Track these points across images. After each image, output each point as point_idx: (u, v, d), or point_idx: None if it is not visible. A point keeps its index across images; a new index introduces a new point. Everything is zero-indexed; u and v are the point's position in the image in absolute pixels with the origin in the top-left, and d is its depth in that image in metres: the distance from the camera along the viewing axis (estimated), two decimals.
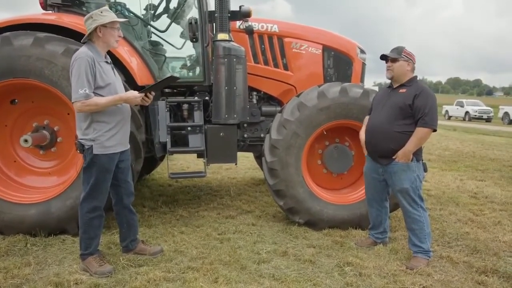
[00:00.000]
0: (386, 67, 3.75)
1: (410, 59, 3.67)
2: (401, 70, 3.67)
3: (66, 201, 4.02)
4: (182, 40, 4.93)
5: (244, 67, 4.64)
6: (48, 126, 4.33)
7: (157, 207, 5.22)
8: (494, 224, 4.78)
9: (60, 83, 3.94)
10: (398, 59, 3.66)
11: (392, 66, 3.69)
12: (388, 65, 3.73)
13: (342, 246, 4.00)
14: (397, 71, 3.67)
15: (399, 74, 3.68)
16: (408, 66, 3.67)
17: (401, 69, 3.67)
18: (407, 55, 3.67)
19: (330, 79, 5.31)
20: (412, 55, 3.70)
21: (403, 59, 3.65)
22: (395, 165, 3.61)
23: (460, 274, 3.43)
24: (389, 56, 3.70)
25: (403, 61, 3.66)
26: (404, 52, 3.68)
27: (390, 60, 3.71)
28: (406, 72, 3.68)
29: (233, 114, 4.61)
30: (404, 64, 3.66)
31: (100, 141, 3.14)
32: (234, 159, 4.79)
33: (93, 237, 3.34)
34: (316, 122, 4.37)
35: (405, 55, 3.66)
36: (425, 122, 3.48)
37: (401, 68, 3.66)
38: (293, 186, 4.39)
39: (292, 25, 5.36)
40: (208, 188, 6.41)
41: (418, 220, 3.62)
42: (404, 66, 3.66)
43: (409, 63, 3.67)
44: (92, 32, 3.14)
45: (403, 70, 3.67)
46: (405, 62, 3.66)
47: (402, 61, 3.66)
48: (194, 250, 3.80)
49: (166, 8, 5.03)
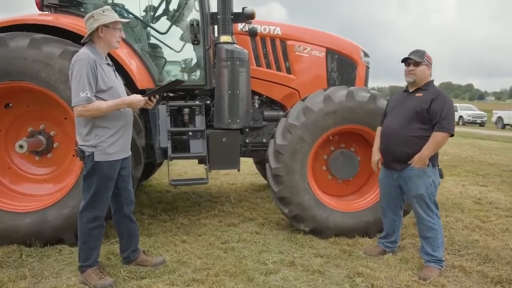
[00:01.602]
0: (406, 71, 3.60)
1: (430, 64, 3.57)
2: (423, 75, 3.55)
3: (63, 209, 3.85)
4: (183, 43, 4.78)
5: (248, 70, 4.50)
6: (44, 131, 4.17)
7: (157, 214, 5.06)
8: (502, 231, 4.67)
9: (58, 86, 3.77)
10: (421, 63, 3.54)
11: (415, 70, 3.55)
12: (410, 69, 3.58)
13: (351, 255, 3.86)
14: (419, 75, 3.55)
15: (421, 78, 3.56)
16: (428, 71, 3.57)
17: (423, 74, 3.55)
18: (428, 59, 3.57)
19: (334, 82, 5.21)
20: (431, 59, 3.60)
21: (425, 63, 3.54)
22: (411, 171, 3.49)
23: (475, 284, 3.31)
24: (413, 59, 3.57)
25: (425, 65, 3.54)
26: (426, 56, 3.56)
27: (412, 63, 3.58)
28: (427, 76, 3.58)
29: (236, 119, 4.47)
30: (425, 69, 3.55)
31: (101, 148, 2.98)
32: (237, 165, 4.64)
33: (93, 248, 3.17)
34: (322, 127, 4.23)
35: (427, 59, 3.55)
36: (442, 126, 3.37)
37: (423, 73, 3.55)
38: (298, 193, 4.25)
39: (295, 27, 5.25)
40: (207, 195, 6.25)
41: (432, 228, 3.49)
42: (425, 71, 3.55)
43: (429, 68, 3.57)
44: (93, 32, 2.99)
45: (425, 74, 3.56)
46: (426, 67, 3.55)
47: (424, 65, 3.54)
48: (197, 260, 3.64)
49: (166, 9, 4.89)
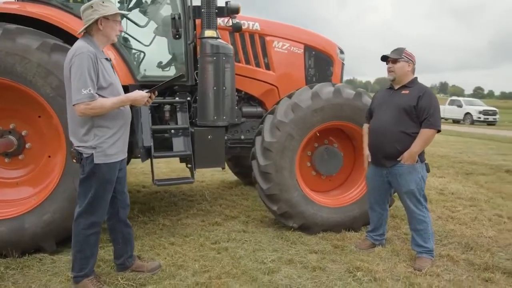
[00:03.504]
0: (387, 68, 3.73)
1: (410, 60, 3.66)
2: (402, 71, 3.65)
3: (43, 215, 3.55)
4: (164, 37, 4.57)
5: (232, 66, 4.39)
6: (15, 131, 3.82)
7: (134, 216, 4.82)
8: (472, 220, 4.96)
9: (36, 82, 3.46)
10: (398, 60, 3.64)
11: (393, 67, 3.67)
12: (388, 66, 3.71)
13: (344, 250, 3.92)
14: (398, 72, 3.66)
15: (400, 75, 3.66)
16: (408, 67, 3.66)
17: (402, 70, 3.65)
18: (408, 55, 3.66)
19: (311, 79, 5.23)
20: (412, 56, 3.69)
21: (403, 59, 3.64)
22: (401, 167, 3.59)
23: (466, 272, 3.48)
24: (390, 56, 3.68)
25: (403, 61, 3.64)
26: (405, 53, 3.67)
27: (390, 61, 3.69)
28: (407, 73, 3.67)
29: (222, 116, 4.34)
30: (405, 65, 3.65)
31: (102, 149, 2.76)
32: (222, 163, 4.53)
33: (89, 257, 2.94)
34: (310, 123, 4.24)
35: (405, 55, 3.65)
36: (430, 123, 3.49)
37: (402, 69, 3.65)
38: (287, 190, 4.23)
39: (274, 23, 5.20)
40: (180, 193, 6.06)
41: (423, 220, 3.62)
42: (405, 67, 3.65)
43: (409, 64, 3.66)
44: (91, 24, 2.75)
45: (404, 70, 3.66)
46: (405, 63, 3.65)
47: (403, 62, 3.64)
48: (194, 263, 3.52)
49: (145, 1, 4.64)
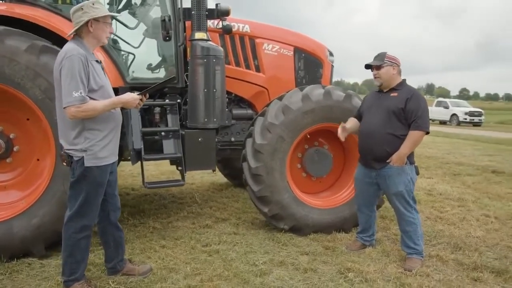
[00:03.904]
0: (373, 75, 3.76)
1: (394, 63, 3.69)
2: (388, 75, 3.69)
3: (32, 219, 3.51)
4: (154, 39, 4.55)
5: (223, 68, 4.40)
6: (3, 134, 3.76)
7: (124, 219, 4.77)
8: (461, 220, 5.03)
9: (24, 84, 3.42)
10: (382, 65, 3.68)
11: (379, 73, 3.70)
12: (374, 73, 3.74)
13: (335, 251, 3.94)
14: (384, 77, 3.69)
15: (387, 79, 3.70)
16: (393, 70, 3.70)
17: (388, 74, 3.69)
18: (390, 59, 3.70)
19: (301, 81, 5.26)
20: (395, 59, 3.72)
21: (386, 64, 3.68)
22: (390, 169, 3.63)
23: (455, 272, 3.53)
24: (373, 64, 3.72)
25: (387, 66, 3.68)
26: (387, 57, 3.70)
27: (374, 68, 3.72)
28: (393, 76, 3.70)
29: (213, 118, 4.35)
30: (389, 69, 3.68)
31: (92, 152, 2.74)
32: (213, 166, 4.53)
33: (80, 261, 2.92)
34: (301, 125, 4.26)
35: (388, 59, 3.69)
36: (419, 125, 3.53)
37: (388, 73, 3.68)
38: (278, 191, 4.24)
39: (264, 25, 5.22)
40: (170, 196, 6.04)
41: (412, 222, 3.66)
42: (390, 71, 3.68)
43: (394, 67, 3.70)
44: (81, 26, 2.73)
45: (390, 74, 3.69)
46: (390, 67, 3.68)
47: (387, 66, 3.68)
48: (185, 266, 3.51)
49: (135, 3, 4.62)
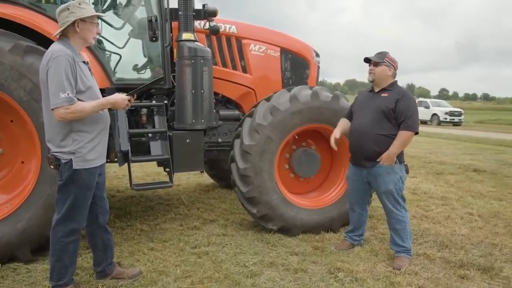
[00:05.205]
0: (368, 70, 3.80)
1: (392, 65, 3.74)
2: (382, 75, 3.73)
3: (17, 223, 3.44)
4: (140, 39, 4.50)
5: (210, 69, 4.39)
6: None
7: (111, 221, 4.71)
8: (445, 218, 5.11)
9: (8, 85, 3.35)
10: (380, 63, 3.72)
11: (374, 70, 3.75)
12: (370, 68, 3.78)
13: (324, 251, 3.96)
14: (378, 75, 3.74)
15: (380, 78, 3.75)
16: (389, 71, 3.75)
17: (382, 74, 3.73)
18: (390, 60, 3.74)
19: (288, 82, 5.28)
20: (394, 61, 3.77)
21: (385, 64, 3.72)
22: (380, 168, 3.67)
23: (443, 270, 3.58)
24: (372, 59, 3.76)
25: (385, 66, 3.72)
26: (387, 57, 3.74)
27: (372, 63, 3.76)
28: (387, 77, 3.75)
29: (201, 119, 4.33)
30: (385, 69, 3.73)
31: (81, 154, 2.69)
32: (201, 167, 4.51)
33: (68, 265, 2.86)
34: (289, 126, 4.27)
35: (387, 60, 3.73)
36: (408, 125, 3.58)
37: (383, 73, 3.73)
38: (266, 192, 4.24)
39: (250, 26, 5.22)
40: (157, 198, 5.98)
41: (401, 220, 3.71)
42: (385, 71, 3.73)
43: (390, 69, 3.75)
44: (68, 26, 2.69)
45: (384, 74, 3.74)
46: (386, 67, 3.73)
47: (384, 66, 3.72)
48: (175, 268, 3.48)
49: (120, 3, 4.56)
